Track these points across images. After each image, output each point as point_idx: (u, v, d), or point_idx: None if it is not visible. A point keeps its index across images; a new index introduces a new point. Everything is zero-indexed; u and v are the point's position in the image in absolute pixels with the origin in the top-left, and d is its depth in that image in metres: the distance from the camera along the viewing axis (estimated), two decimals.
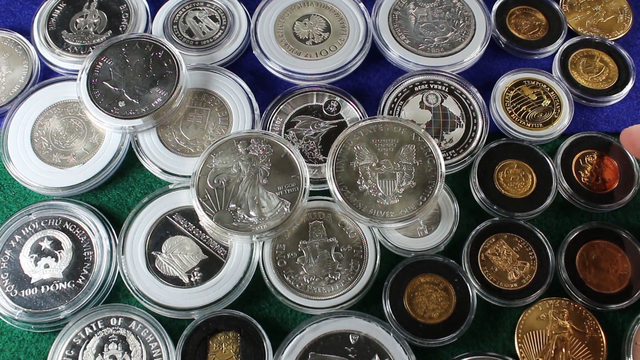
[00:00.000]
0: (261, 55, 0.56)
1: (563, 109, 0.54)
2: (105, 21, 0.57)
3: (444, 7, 0.59)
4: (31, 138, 0.52)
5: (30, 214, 0.49)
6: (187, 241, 0.48)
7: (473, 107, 0.53)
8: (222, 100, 0.53)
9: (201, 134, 0.52)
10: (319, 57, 0.55)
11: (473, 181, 0.50)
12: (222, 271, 0.47)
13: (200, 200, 0.47)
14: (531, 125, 0.53)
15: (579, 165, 0.52)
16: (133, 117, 0.51)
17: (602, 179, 0.51)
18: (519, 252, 0.48)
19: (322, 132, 0.53)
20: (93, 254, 0.48)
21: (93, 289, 0.46)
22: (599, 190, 0.51)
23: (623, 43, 0.59)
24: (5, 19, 0.59)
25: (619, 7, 0.61)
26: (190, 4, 0.58)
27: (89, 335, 0.45)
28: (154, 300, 0.46)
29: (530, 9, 0.60)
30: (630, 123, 0.55)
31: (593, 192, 0.51)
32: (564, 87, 0.55)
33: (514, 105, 0.54)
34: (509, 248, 0.48)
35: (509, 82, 0.55)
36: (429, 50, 0.56)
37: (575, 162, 0.52)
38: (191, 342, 0.44)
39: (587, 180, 0.51)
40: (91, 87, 0.52)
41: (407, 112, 0.53)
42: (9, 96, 0.54)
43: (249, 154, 0.49)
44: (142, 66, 0.53)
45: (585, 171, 0.51)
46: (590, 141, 0.53)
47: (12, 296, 0.46)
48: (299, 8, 0.58)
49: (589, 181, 0.51)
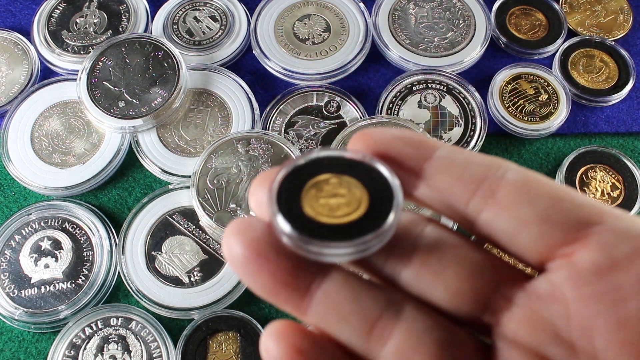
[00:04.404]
0: (261, 55, 0.56)
1: (560, 104, 0.54)
2: (105, 21, 0.57)
3: (444, 7, 0.59)
4: (31, 138, 0.52)
5: (30, 214, 0.49)
6: (187, 241, 0.48)
7: (471, 106, 0.53)
8: (222, 100, 0.53)
9: (201, 134, 0.52)
10: (319, 57, 0.55)
11: None
12: (222, 271, 0.47)
13: (200, 200, 0.48)
14: (528, 119, 0.53)
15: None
16: (133, 117, 0.51)
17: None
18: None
19: (322, 132, 0.53)
20: (93, 254, 0.48)
21: (93, 289, 0.46)
22: None
23: (623, 43, 0.59)
24: (5, 19, 0.59)
25: (619, 7, 0.61)
26: (190, 4, 0.58)
27: (89, 335, 0.45)
28: (154, 300, 0.46)
29: (530, 9, 0.60)
30: (630, 123, 0.55)
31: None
32: (562, 82, 0.55)
33: (511, 99, 0.54)
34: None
35: (507, 77, 0.55)
36: (429, 50, 0.56)
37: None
38: (191, 342, 0.44)
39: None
40: (91, 87, 0.52)
41: (405, 112, 0.53)
42: (9, 96, 0.54)
43: (249, 154, 0.49)
44: (142, 66, 0.53)
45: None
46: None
47: (12, 296, 0.46)
48: (299, 8, 0.58)
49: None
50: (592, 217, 0.19)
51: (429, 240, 0.20)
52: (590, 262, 0.18)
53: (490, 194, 0.19)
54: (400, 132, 0.21)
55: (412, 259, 0.20)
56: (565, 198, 0.19)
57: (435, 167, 0.20)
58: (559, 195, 0.19)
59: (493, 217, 0.19)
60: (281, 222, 0.19)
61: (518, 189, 0.19)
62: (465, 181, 0.20)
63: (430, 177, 0.20)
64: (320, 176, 0.20)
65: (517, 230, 0.19)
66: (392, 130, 0.21)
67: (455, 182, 0.20)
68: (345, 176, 0.20)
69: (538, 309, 0.19)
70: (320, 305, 0.19)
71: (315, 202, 0.19)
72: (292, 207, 0.19)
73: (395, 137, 0.21)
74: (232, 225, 0.19)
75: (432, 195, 0.20)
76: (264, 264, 0.19)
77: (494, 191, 0.19)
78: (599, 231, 0.18)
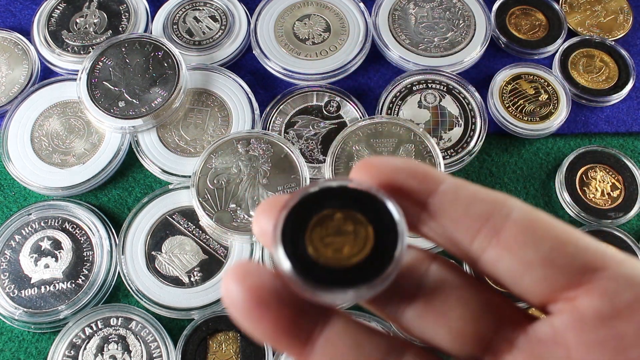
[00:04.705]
0: (261, 55, 0.56)
1: (560, 104, 0.54)
2: (105, 21, 0.57)
3: (444, 7, 0.59)
4: (31, 138, 0.52)
5: (30, 214, 0.49)
6: (187, 241, 0.48)
7: (471, 106, 0.53)
8: (222, 100, 0.53)
9: (201, 134, 0.52)
10: (319, 57, 0.55)
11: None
12: (222, 271, 0.47)
13: (200, 200, 0.48)
14: (528, 119, 0.53)
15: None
16: (133, 117, 0.51)
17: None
18: None
19: (322, 132, 0.53)
20: (93, 254, 0.48)
21: (93, 289, 0.46)
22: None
23: (623, 43, 0.59)
24: (5, 19, 0.59)
25: (619, 7, 0.61)
26: (190, 4, 0.58)
27: (89, 335, 0.45)
28: (154, 300, 0.46)
29: (530, 9, 0.60)
30: (630, 123, 0.55)
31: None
32: (562, 82, 0.55)
33: (511, 99, 0.54)
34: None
35: (507, 77, 0.55)
36: (429, 50, 0.56)
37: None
38: (191, 342, 0.44)
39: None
40: (91, 87, 0.52)
41: (405, 112, 0.53)
42: (9, 96, 0.54)
43: (249, 154, 0.49)
44: (142, 66, 0.53)
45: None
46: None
47: (12, 296, 0.46)
48: (299, 8, 0.58)
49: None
50: (596, 262, 0.19)
51: (433, 279, 0.20)
52: (593, 309, 0.18)
53: (495, 234, 0.19)
54: (404, 163, 0.21)
55: (416, 299, 0.20)
56: (570, 241, 0.19)
57: (440, 202, 0.20)
58: (563, 238, 0.19)
59: (497, 257, 0.19)
60: (287, 267, 0.19)
61: (523, 229, 0.19)
62: (470, 219, 0.20)
63: (434, 213, 0.20)
64: (326, 211, 0.20)
65: (520, 272, 0.19)
66: (396, 160, 0.21)
67: (459, 219, 0.20)
68: (351, 211, 0.20)
69: (539, 353, 0.19)
70: (322, 352, 0.19)
71: (320, 242, 0.19)
72: (297, 248, 0.19)
73: (398, 168, 0.20)
74: (232, 270, 0.19)
75: (436, 231, 0.20)
76: (265, 312, 0.19)
77: (498, 231, 0.19)
78: (602, 277, 0.19)
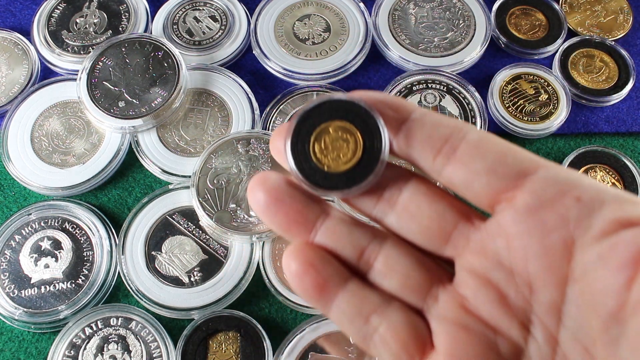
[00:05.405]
0: (261, 55, 0.56)
1: (560, 104, 0.54)
2: (105, 21, 0.57)
3: (444, 7, 0.59)
4: (31, 138, 0.52)
5: (30, 214, 0.49)
6: (187, 241, 0.48)
7: (471, 106, 0.53)
8: (222, 100, 0.53)
9: (201, 134, 0.52)
10: (319, 57, 0.55)
11: None
12: (222, 271, 0.47)
13: (200, 200, 0.48)
14: (528, 119, 0.53)
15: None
16: (133, 117, 0.51)
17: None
18: None
19: None
20: (93, 254, 0.48)
21: (93, 289, 0.46)
22: None
23: (623, 43, 0.59)
24: (5, 19, 0.59)
25: (619, 7, 0.61)
26: (190, 4, 0.58)
27: (89, 335, 0.45)
28: (154, 300, 0.46)
29: (530, 9, 0.60)
30: (630, 123, 0.55)
31: None
32: (562, 82, 0.55)
33: (511, 99, 0.54)
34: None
35: (507, 77, 0.55)
36: (429, 50, 0.56)
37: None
38: (191, 342, 0.44)
39: None
40: (91, 87, 0.52)
41: None
42: (9, 96, 0.54)
43: (249, 154, 0.49)
44: (142, 66, 0.53)
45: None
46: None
47: (12, 296, 0.46)
48: (299, 8, 0.58)
49: None
50: (530, 169, 0.23)
51: (410, 189, 0.25)
52: (524, 204, 0.23)
53: (452, 152, 0.24)
54: (383, 96, 0.25)
55: (397, 204, 0.25)
56: (510, 153, 0.24)
57: (410, 127, 0.25)
58: (505, 151, 0.24)
59: (453, 170, 0.24)
60: (296, 173, 0.25)
61: (474, 147, 0.24)
62: (433, 140, 0.24)
63: (406, 136, 0.25)
64: (323, 124, 0.25)
65: (470, 180, 0.24)
66: (377, 94, 0.25)
67: (425, 140, 0.24)
68: (347, 122, 0.25)
69: (487, 243, 0.24)
70: (323, 236, 0.25)
71: (320, 152, 0.25)
72: (303, 158, 0.25)
73: (378, 100, 0.25)
74: (255, 178, 0.25)
75: (407, 152, 0.25)
76: (280, 207, 0.25)
77: (455, 149, 0.24)
78: (533, 179, 0.23)
